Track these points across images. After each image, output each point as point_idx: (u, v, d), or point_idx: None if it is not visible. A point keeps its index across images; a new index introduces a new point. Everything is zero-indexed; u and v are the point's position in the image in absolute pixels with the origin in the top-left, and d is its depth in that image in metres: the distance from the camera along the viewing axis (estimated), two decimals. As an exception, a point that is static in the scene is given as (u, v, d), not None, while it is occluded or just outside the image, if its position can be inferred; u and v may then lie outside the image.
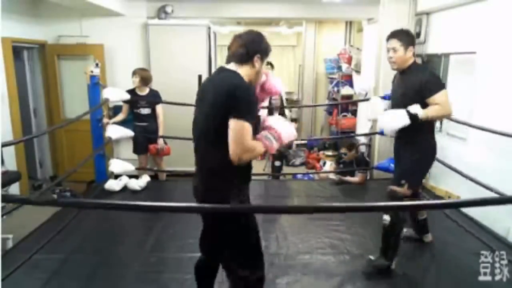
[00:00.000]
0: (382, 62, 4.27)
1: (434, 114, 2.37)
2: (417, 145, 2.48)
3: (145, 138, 4.28)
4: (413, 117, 2.34)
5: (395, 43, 2.43)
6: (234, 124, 1.55)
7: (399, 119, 2.38)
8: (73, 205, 3.08)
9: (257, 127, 1.73)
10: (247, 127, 1.56)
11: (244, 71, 1.71)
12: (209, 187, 1.72)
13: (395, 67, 2.51)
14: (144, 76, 4.18)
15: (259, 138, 1.68)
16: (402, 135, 2.51)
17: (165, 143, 4.36)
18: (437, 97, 2.33)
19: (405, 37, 2.44)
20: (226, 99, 1.57)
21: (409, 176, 2.48)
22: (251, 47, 1.72)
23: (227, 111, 1.56)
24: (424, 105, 2.36)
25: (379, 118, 2.59)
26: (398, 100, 2.50)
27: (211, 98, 1.64)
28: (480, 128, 3.07)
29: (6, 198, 2.05)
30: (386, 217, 2.50)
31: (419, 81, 2.36)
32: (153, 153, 4.35)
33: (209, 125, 1.65)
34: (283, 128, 1.73)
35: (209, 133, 1.65)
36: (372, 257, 2.58)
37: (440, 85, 2.38)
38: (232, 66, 1.73)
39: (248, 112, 1.58)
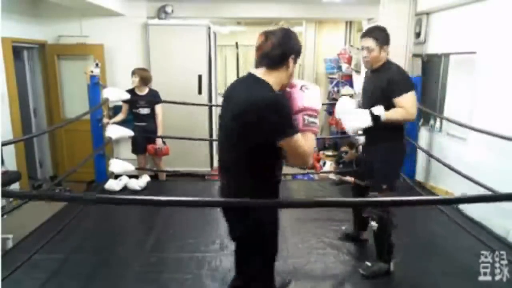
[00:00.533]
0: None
1: (397, 117, 2.33)
2: (387, 144, 2.43)
3: (144, 138, 4.28)
4: (375, 118, 2.32)
5: (370, 42, 2.37)
6: (286, 145, 1.53)
7: (361, 119, 2.36)
8: (69, 200, 3.08)
9: None
10: (296, 138, 1.51)
11: (276, 77, 1.58)
12: (225, 178, 1.73)
13: (368, 66, 2.48)
14: (143, 76, 4.18)
15: (303, 130, 1.57)
16: (371, 134, 2.49)
17: (164, 143, 4.36)
18: (403, 99, 2.30)
19: (381, 36, 2.38)
20: (258, 121, 1.48)
21: (388, 179, 2.44)
22: (286, 47, 1.57)
23: (261, 132, 1.49)
24: (392, 105, 2.33)
25: (342, 117, 2.52)
26: (367, 99, 2.45)
27: (236, 114, 1.53)
28: (479, 131, 3.07)
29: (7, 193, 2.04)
30: (373, 223, 2.48)
31: (387, 79, 2.33)
32: (151, 153, 4.34)
33: (233, 133, 1.59)
34: (314, 100, 1.62)
35: (233, 135, 1.60)
36: (369, 263, 2.57)
37: (407, 87, 2.33)
38: (261, 73, 1.58)
39: (289, 127, 1.50)
